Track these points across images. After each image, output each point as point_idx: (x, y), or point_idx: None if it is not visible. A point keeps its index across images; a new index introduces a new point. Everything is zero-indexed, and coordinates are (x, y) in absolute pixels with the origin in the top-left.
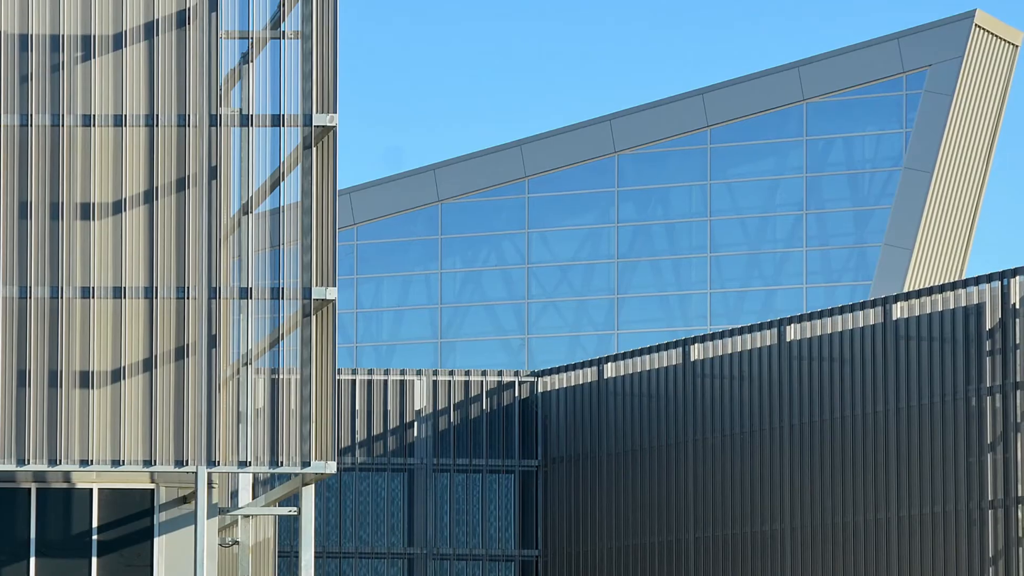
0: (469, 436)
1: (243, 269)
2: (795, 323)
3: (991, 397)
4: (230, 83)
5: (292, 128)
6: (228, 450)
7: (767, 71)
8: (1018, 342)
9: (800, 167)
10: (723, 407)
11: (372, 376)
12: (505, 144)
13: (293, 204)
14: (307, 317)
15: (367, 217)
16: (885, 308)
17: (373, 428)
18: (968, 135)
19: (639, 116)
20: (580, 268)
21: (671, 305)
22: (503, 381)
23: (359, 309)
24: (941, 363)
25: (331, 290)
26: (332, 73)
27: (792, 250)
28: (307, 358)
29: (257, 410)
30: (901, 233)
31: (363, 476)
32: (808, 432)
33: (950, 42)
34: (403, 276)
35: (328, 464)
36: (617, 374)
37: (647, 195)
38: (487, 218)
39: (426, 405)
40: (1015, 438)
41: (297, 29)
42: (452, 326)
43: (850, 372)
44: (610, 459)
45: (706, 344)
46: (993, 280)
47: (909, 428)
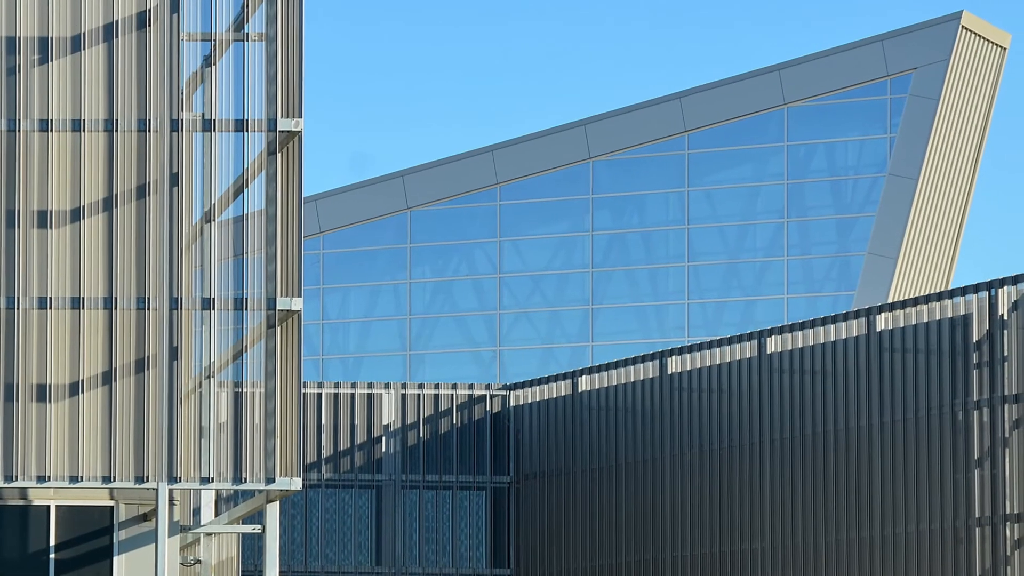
0: (439, 451)
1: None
2: (776, 335)
3: (978, 411)
4: (192, 87)
5: (256, 133)
6: (190, 466)
7: (747, 74)
8: (1006, 354)
9: (781, 174)
10: (701, 421)
11: (339, 389)
12: (476, 150)
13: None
14: (271, 328)
15: (333, 225)
16: (869, 319)
17: (340, 443)
18: (955, 140)
19: (614, 121)
20: (553, 278)
21: (647, 316)
22: (474, 395)
23: (325, 320)
24: (927, 376)
25: (296, 300)
26: (297, 76)
27: (773, 259)
28: (271, 371)
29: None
30: (885, 242)
31: (329, 493)
32: (790, 447)
33: (936, 44)
34: (370, 286)
35: (293, 480)
36: (592, 387)
37: (623, 202)
38: (457, 226)
39: (394, 419)
40: (1003, 453)
41: (261, 31)
42: (421, 338)
43: (832, 385)
44: (584, 475)
45: (684, 356)
46: (980, 290)
47: (894, 443)
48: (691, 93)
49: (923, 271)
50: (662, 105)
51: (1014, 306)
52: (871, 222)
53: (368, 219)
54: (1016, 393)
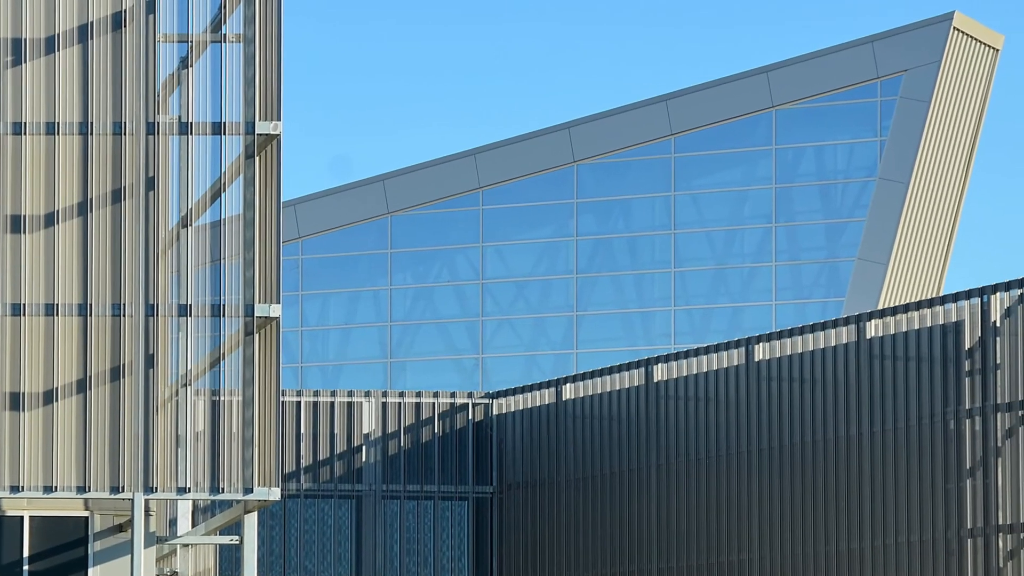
0: (420, 461)
1: (182, 285)
2: (764, 342)
3: (970, 420)
4: (168, 89)
5: (234, 136)
6: (166, 476)
7: (734, 76)
8: (999, 362)
9: (769, 178)
10: (688, 431)
11: (318, 398)
12: (458, 153)
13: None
14: (249, 336)
15: (313, 230)
16: (859, 326)
17: (319, 452)
18: (946, 144)
19: (599, 124)
20: (537, 284)
21: (633, 323)
22: (456, 403)
23: (304, 327)
24: (918, 384)
25: (275, 307)
26: (276, 78)
27: (761, 265)
28: (249, 379)
29: (197, 434)
30: (875, 247)
31: (308, 503)
32: (778, 457)
33: (927, 46)
34: (351, 292)
35: (272, 490)
36: (576, 395)
37: (608, 207)
38: (439, 231)
39: (375, 428)
40: (995, 463)
41: (239, 32)
42: (402, 345)
43: (822, 394)
44: (569, 485)
45: (670, 364)
46: (972, 296)
47: (884, 452)
48: (678, 95)
49: (914, 277)
50: (648, 107)
51: (1007, 313)
52: (861, 227)
53: (348, 224)
54: (1009, 401)
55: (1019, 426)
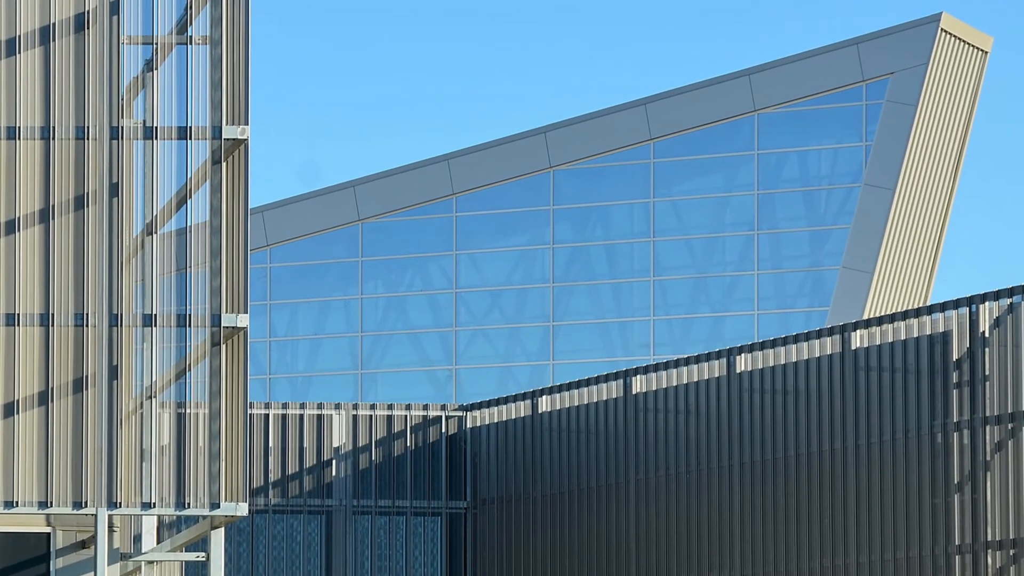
0: (392, 475)
1: (147, 294)
2: (746, 353)
3: (958, 433)
4: (133, 92)
5: (200, 141)
6: (130, 491)
7: (715, 79)
8: (987, 373)
9: (751, 184)
10: (668, 444)
11: (287, 410)
12: (431, 159)
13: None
14: (216, 346)
15: (281, 238)
16: (843, 337)
17: (288, 467)
18: (934, 149)
19: (576, 128)
20: (512, 293)
21: (611, 333)
22: (429, 416)
23: (273, 338)
24: (904, 396)
25: (242, 317)
26: (243, 82)
27: (742, 274)
28: (216, 391)
29: (162, 447)
30: (861, 255)
31: (277, 518)
32: (760, 471)
33: (914, 48)
34: (320, 302)
35: (239, 506)
36: (552, 408)
37: (585, 214)
38: (411, 239)
39: (345, 442)
40: (984, 477)
41: (206, 34)
42: (373, 356)
43: (805, 406)
44: (545, 500)
45: (649, 376)
46: (961, 306)
47: (869, 467)
48: (657, 99)
49: (900, 286)
50: (626, 112)
51: (996, 323)
52: (846, 234)
53: (318, 231)
54: (998, 414)
55: (1008, 439)
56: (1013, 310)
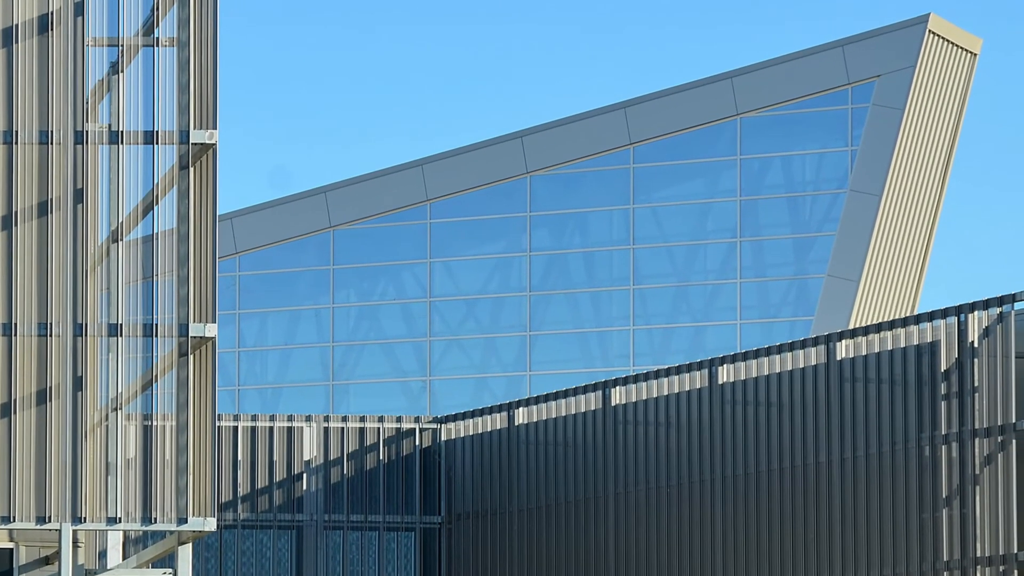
0: (364, 489)
1: (112, 303)
2: (728, 363)
3: (947, 446)
4: (98, 96)
5: (167, 146)
6: (95, 506)
7: (697, 82)
8: (976, 385)
9: (733, 190)
10: (648, 457)
11: (256, 423)
12: (404, 164)
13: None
14: (184, 357)
15: (250, 245)
16: (828, 347)
17: (257, 480)
18: (921, 154)
19: (554, 133)
20: (488, 302)
21: (589, 343)
22: (402, 428)
23: (242, 348)
24: (891, 408)
25: (210, 326)
26: (211, 84)
27: (724, 282)
28: (183, 402)
29: (128, 461)
30: (846, 263)
31: (246, 534)
32: (743, 485)
33: (901, 50)
34: (291, 311)
35: (207, 521)
36: (529, 420)
37: (563, 220)
38: (384, 246)
39: (316, 455)
40: (973, 491)
41: (172, 35)
42: (345, 367)
43: (789, 418)
44: (521, 515)
45: (628, 387)
46: (949, 316)
47: (855, 481)
48: (637, 103)
49: (887, 295)
50: (605, 116)
51: (985, 333)
52: (831, 242)
53: (288, 238)
54: (987, 426)
55: (998, 453)
56: (1003, 320)
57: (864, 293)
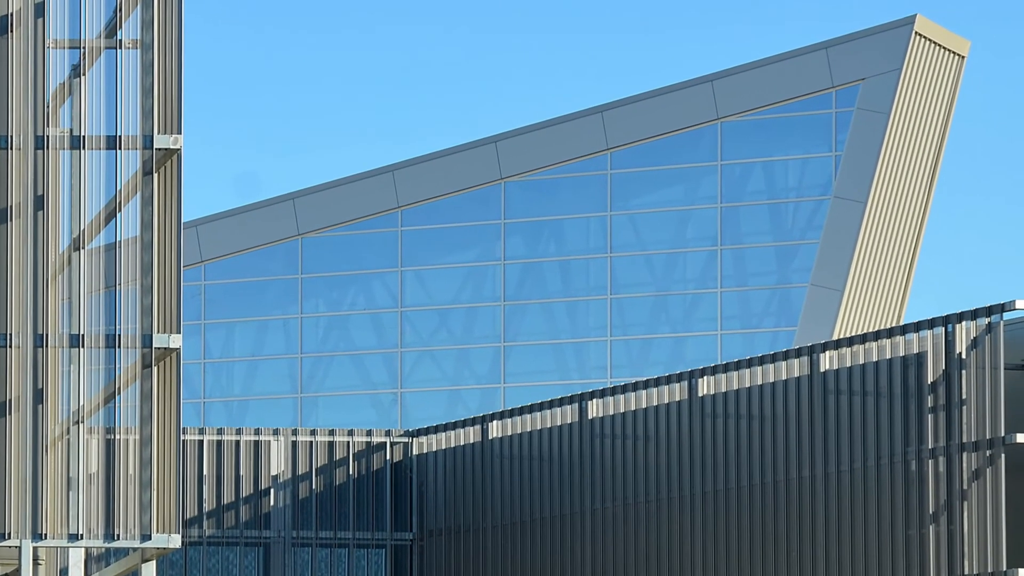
0: (333, 505)
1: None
2: (708, 375)
3: (933, 460)
4: (59, 99)
5: (130, 151)
6: (56, 521)
7: (676, 86)
8: (964, 397)
9: (714, 196)
10: (626, 472)
11: (222, 436)
12: (375, 170)
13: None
14: (147, 368)
15: (216, 253)
16: (812, 358)
17: (223, 496)
18: (908, 159)
19: (528, 138)
20: (461, 312)
21: (566, 354)
22: (372, 442)
23: (207, 359)
24: (876, 421)
25: (175, 337)
26: (176, 88)
27: (705, 291)
28: (147, 416)
29: (90, 475)
30: (830, 272)
31: (212, 551)
32: (723, 501)
33: (887, 52)
34: (258, 321)
35: (172, 537)
36: (504, 434)
37: (538, 228)
38: (354, 254)
39: (284, 469)
40: (961, 507)
41: (136, 37)
42: (314, 379)
43: (771, 432)
44: (496, 532)
45: (606, 400)
46: (936, 326)
47: (839, 496)
48: (614, 107)
49: (872, 305)
50: (582, 120)
51: (973, 344)
52: (814, 250)
53: (255, 247)
54: (975, 440)
55: (986, 467)
56: (991, 330)
57: (848, 303)
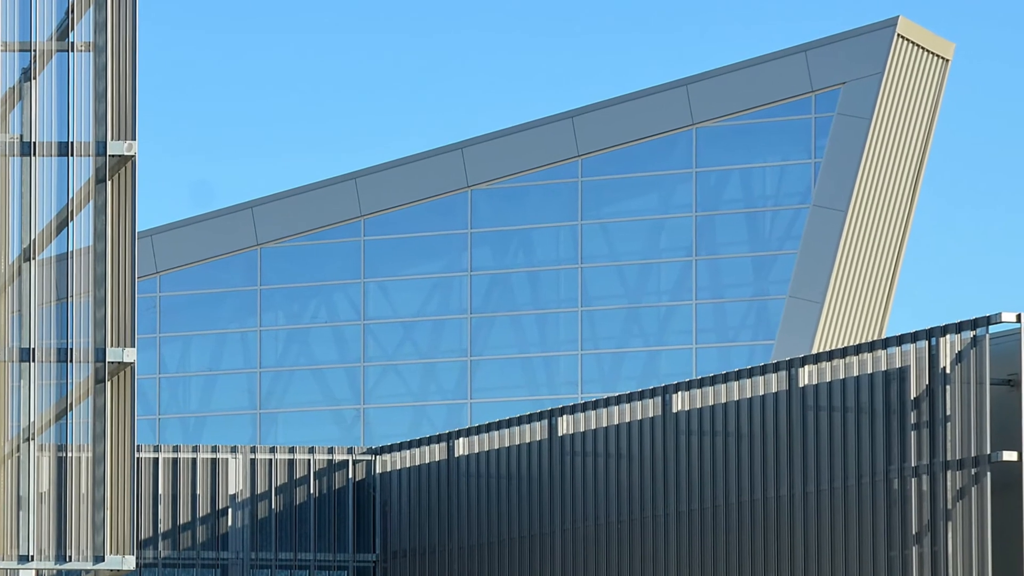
0: (294, 525)
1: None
2: (683, 391)
3: (917, 479)
4: (9, 104)
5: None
6: (6, 542)
7: (649, 90)
8: (948, 414)
9: (689, 204)
10: (597, 491)
11: (178, 454)
12: (336, 177)
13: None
14: (101, 383)
15: (172, 264)
16: (790, 373)
17: (179, 516)
18: (890, 166)
19: (496, 144)
20: (426, 325)
21: (535, 369)
22: (334, 460)
23: (163, 374)
24: (857, 439)
25: (129, 351)
26: (130, 92)
27: (679, 304)
28: (101, 432)
29: (41, 494)
30: (809, 284)
31: (168, 572)
32: (699, 520)
33: (868, 55)
34: (215, 334)
35: (126, 559)
36: (470, 451)
37: (506, 238)
38: (315, 265)
39: (242, 488)
40: (945, 527)
41: (89, 40)
42: (274, 394)
43: (748, 449)
44: (462, 553)
45: (576, 416)
46: (919, 340)
47: (819, 516)
48: (585, 112)
49: (853, 317)
50: (551, 126)
51: (958, 358)
52: (793, 260)
53: (212, 257)
54: (960, 458)
55: (971, 486)
56: (977, 344)
57: (828, 315)
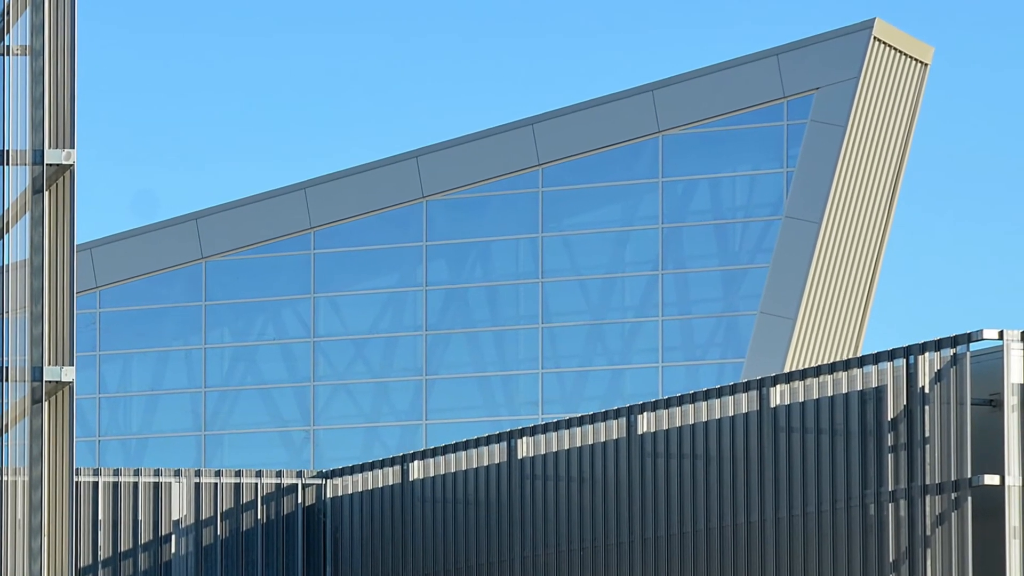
0: (240, 552)
1: None
2: (648, 411)
3: (894, 504)
4: None
5: (18, 167)
6: None
7: (613, 96)
8: (927, 435)
9: (655, 216)
10: (559, 516)
11: (119, 477)
12: (284, 187)
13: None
14: (37, 404)
15: (112, 279)
16: (761, 393)
17: (120, 542)
18: (866, 176)
19: (452, 152)
20: (379, 342)
21: (493, 388)
22: (283, 484)
23: (103, 393)
24: (831, 461)
25: (67, 370)
26: (69, 98)
27: (645, 320)
28: (37, 455)
29: None
30: (781, 299)
31: None
32: (665, 547)
33: (843, 60)
34: (157, 352)
35: None
36: (425, 475)
37: (463, 251)
38: (262, 280)
39: (186, 514)
40: (923, 554)
41: (25, 43)
42: (219, 415)
43: (717, 473)
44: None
45: (537, 438)
46: (896, 358)
47: (792, 542)
48: (546, 119)
49: (827, 335)
50: (510, 133)
51: (937, 377)
52: (764, 275)
53: (155, 271)
54: (939, 482)
55: (951, 511)
56: (957, 362)
57: (801, 333)
